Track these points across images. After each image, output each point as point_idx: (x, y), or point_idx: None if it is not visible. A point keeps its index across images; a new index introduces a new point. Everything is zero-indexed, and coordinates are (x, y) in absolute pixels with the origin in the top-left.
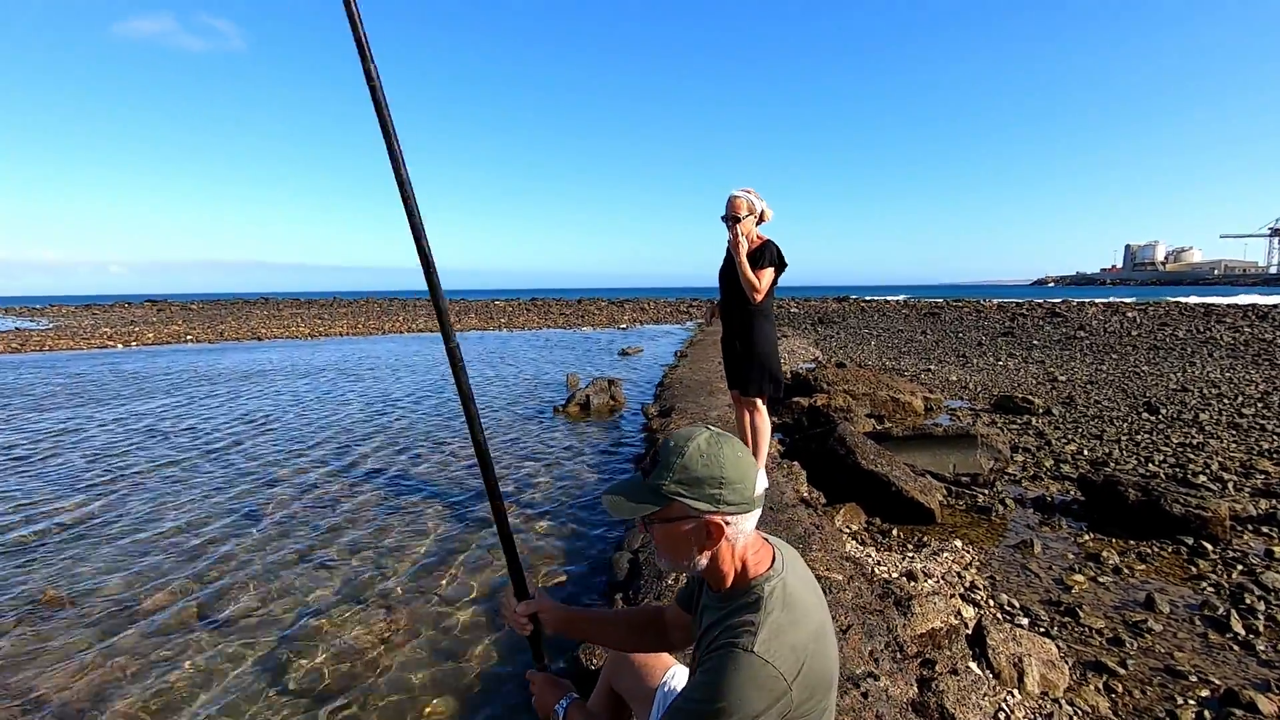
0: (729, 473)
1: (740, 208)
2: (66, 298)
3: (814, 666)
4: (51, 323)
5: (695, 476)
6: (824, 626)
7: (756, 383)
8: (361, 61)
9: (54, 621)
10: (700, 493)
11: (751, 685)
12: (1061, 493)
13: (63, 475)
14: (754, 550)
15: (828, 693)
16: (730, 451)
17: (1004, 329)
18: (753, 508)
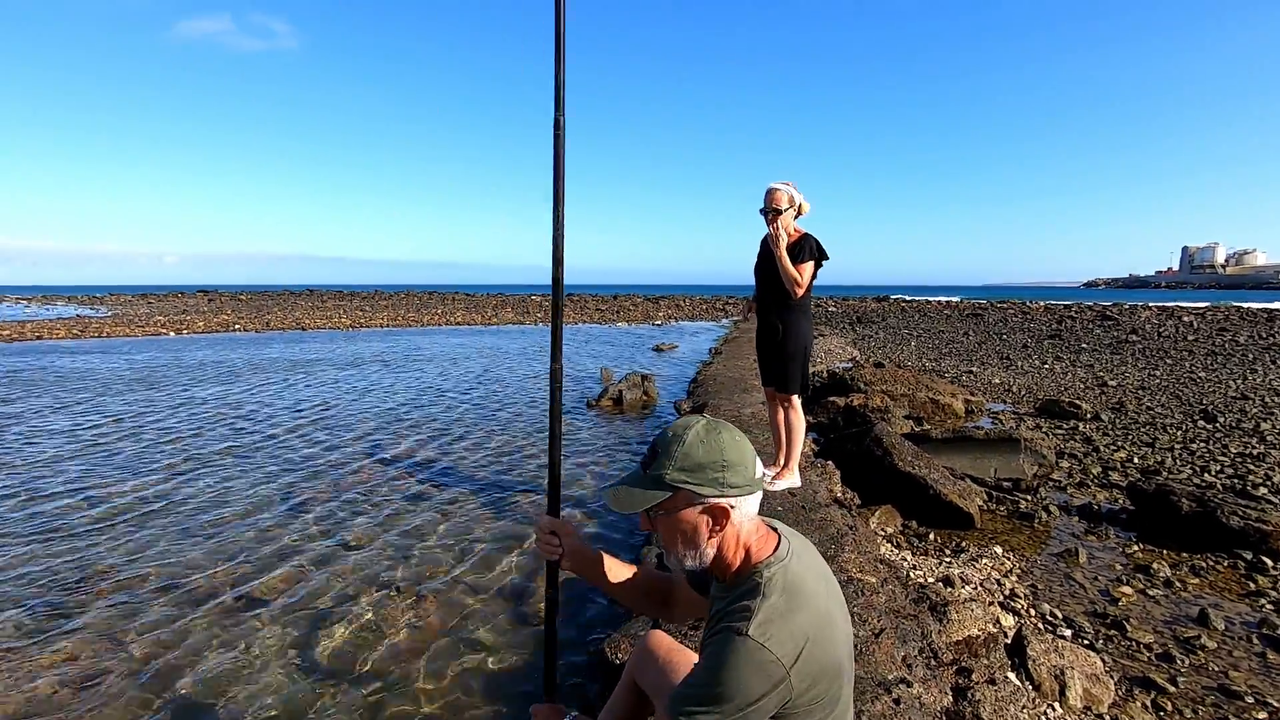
0: (730, 455)
1: (780, 200)
2: (124, 287)
3: (815, 654)
4: (110, 310)
5: (697, 462)
6: (829, 615)
7: (795, 379)
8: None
9: (105, 599)
10: (704, 477)
11: (749, 670)
12: (1109, 501)
13: (120, 459)
14: (757, 536)
15: (834, 681)
16: (728, 436)
17: (1051, 331)
18: (755, 489)
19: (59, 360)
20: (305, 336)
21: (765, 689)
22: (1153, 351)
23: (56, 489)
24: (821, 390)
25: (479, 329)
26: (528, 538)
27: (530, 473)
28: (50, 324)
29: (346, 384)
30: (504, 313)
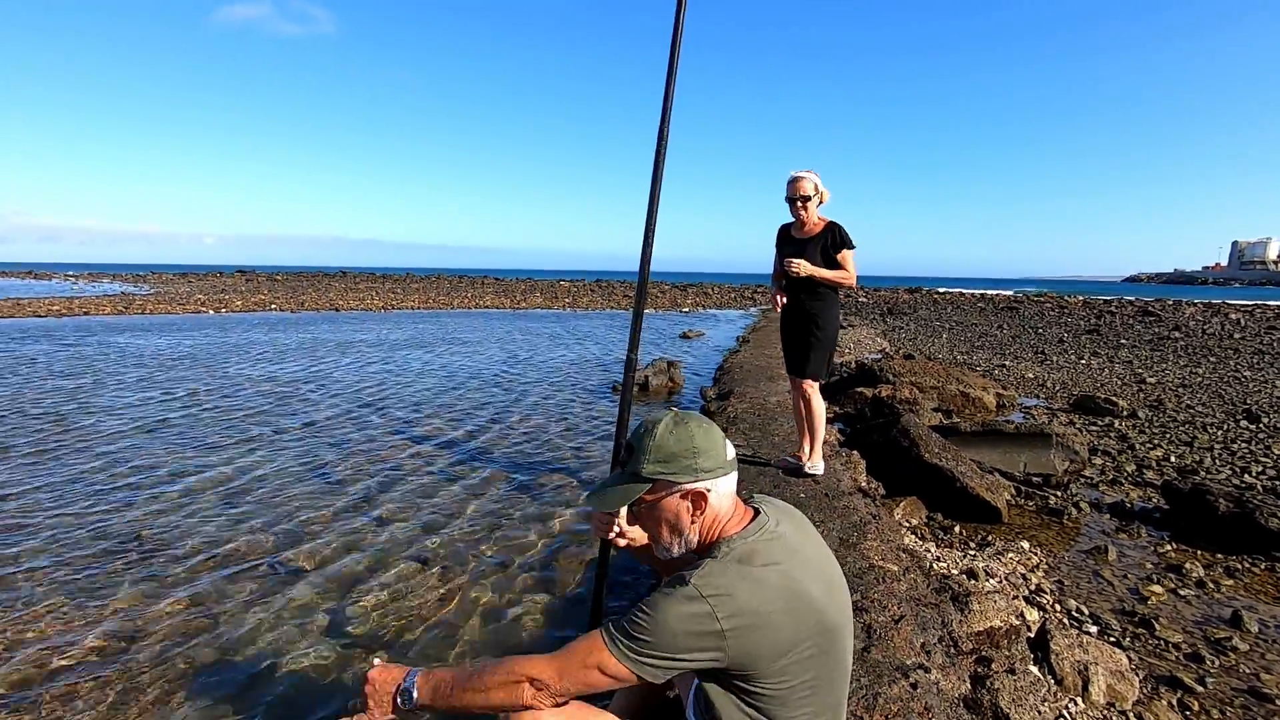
0: (699, 442)
1: (807, 187)
2: (166, 266)
3: (770, 632)
4: (152, 289)
5: (670, 453)
6: (798, 593)
7: (822, 366)
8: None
9: (148, 561)
10: (678, 466)
11: (681, 618)
12: (1143, 499)
13: (172, 433)
14: (732, 515)
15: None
16: (695, 425)
17: (1089, 326)
18: (728, 470)
19: (117, 338)
20: (340, 317)
21: (691, 644)
22: (1196, 349)
23: (115, 460)
24: (849, 381)
25: (508, 312)
26: (557, 518)
27: (559, 455)
28: (96, 300)
29: (384, 365)
30: (532, 297)
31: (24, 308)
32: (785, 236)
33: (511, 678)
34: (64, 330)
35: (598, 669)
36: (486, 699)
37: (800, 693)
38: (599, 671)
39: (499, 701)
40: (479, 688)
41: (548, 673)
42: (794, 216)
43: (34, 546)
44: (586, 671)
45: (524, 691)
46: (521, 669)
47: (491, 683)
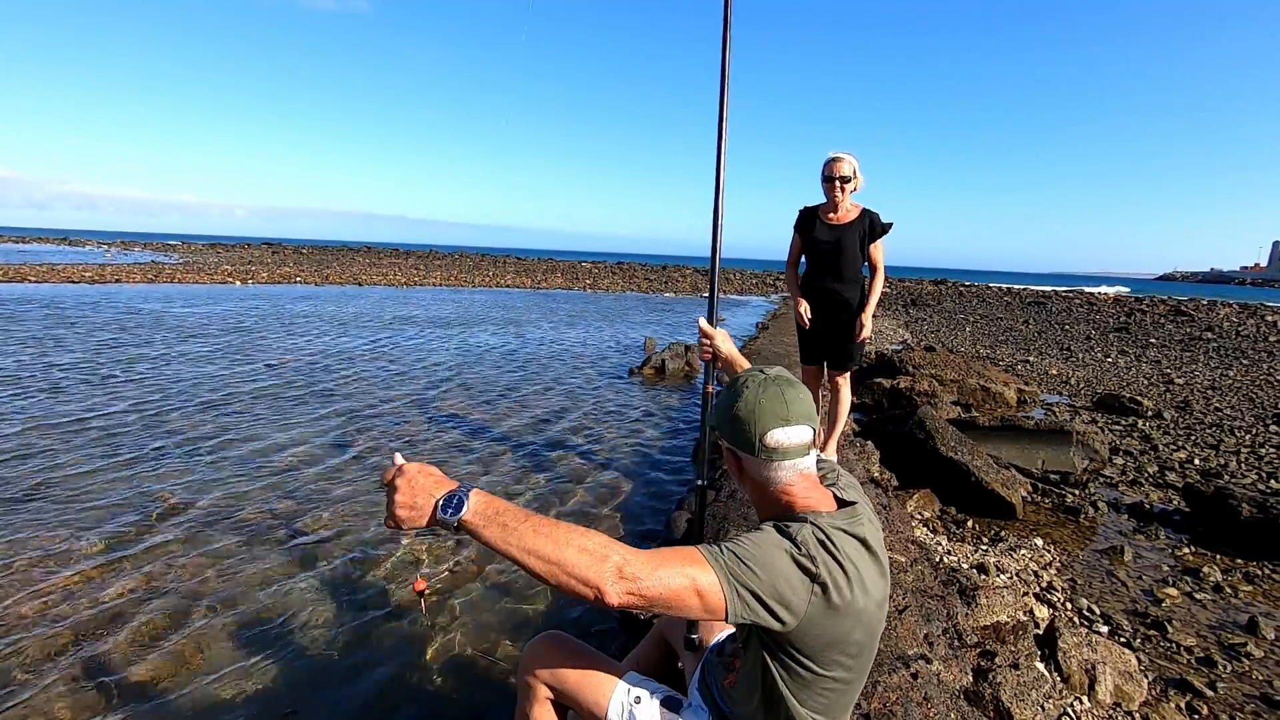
0: (740, 412)
1: (845, 168)
2: (196, 236)
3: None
4: (181, 259)
5: (723, 408)
6: (867, 593)
7: (858, 356)
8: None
9: (168, 522)
10: (719, 423)
11: (785, 559)
12: (1163, 501)
13: (202, 399)
14: (802, 496)
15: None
16: (754, 394)
17: (1118, 324)
18: (756, 455)
19: (153, 305)
20: (364, 291)
21: (785, 592)
22: (1228, 350)
23: (149, 424)
24: (868, 371)
25: (529, 291)
26: (571, 498)
27: (569, 434)
28: (127, 268)
29: (406, 341)
30: (553, 278)
31: (58, 273)
32: (814, 222)
33: (596, 546)
34: (88, 297)
35: (691, 582)
36: (558, 553)
37: (826, 684)
38: (691, 585)
39: (570, 564)
40: (553, 536)
41: (640, 562)
42: (828, 198)
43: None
44: (679, 579)
45: (607, 569)
46: (612, 545)
47: (571, 540)
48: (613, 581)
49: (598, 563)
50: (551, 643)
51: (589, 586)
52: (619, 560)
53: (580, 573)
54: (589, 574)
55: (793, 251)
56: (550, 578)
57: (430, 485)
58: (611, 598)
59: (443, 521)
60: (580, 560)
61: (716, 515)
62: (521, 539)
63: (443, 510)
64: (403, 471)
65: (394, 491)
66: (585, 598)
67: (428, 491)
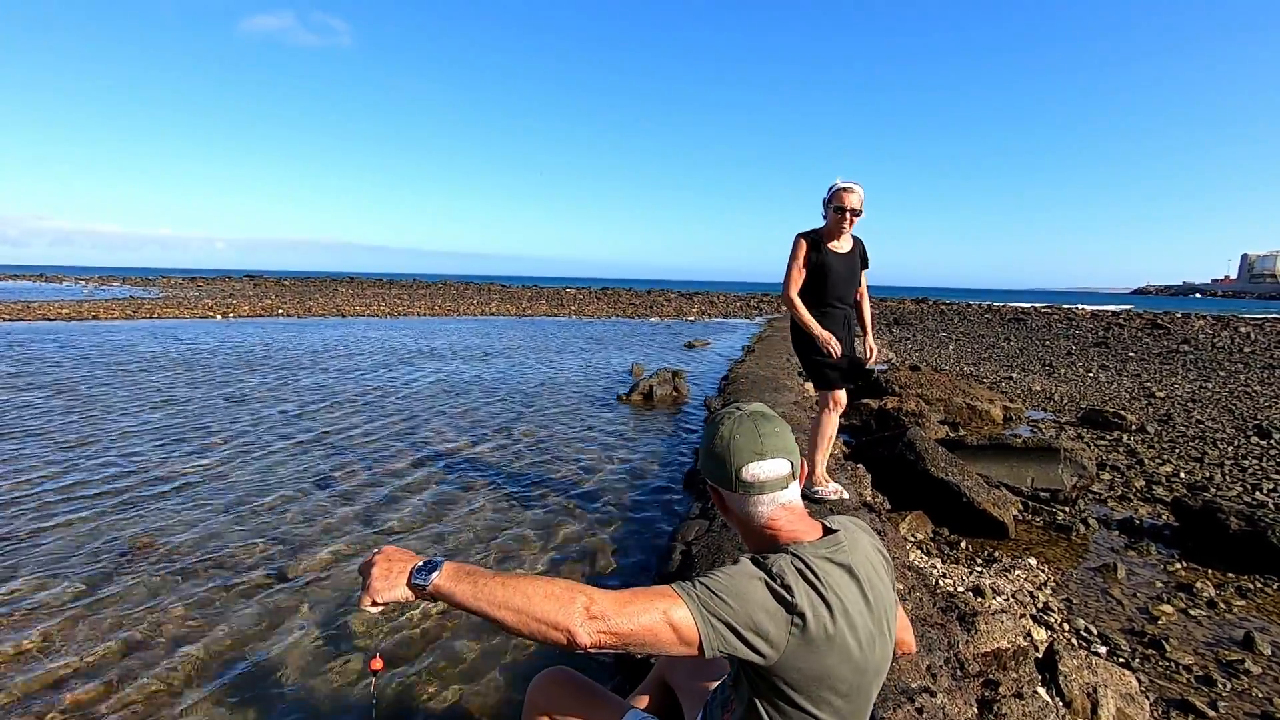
0: (716, 449)
1: (858, 201)
2: (176, 270)
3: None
4: (161, 292)
5: (703, 447)
6: (855, 627)
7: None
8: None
9: (142, 565)
10: (700, 461)
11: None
12: (1152, 516)
13: (169, 436)
14: (787, 528)
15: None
16: (729, 430)
17: (1097, 339)
18: (734, 489)
19: (123, 339)
20: (346, 323)
21: (763, 622)
22: (1205, 363)
23: (123, 464)
24: (854, 393)
25: (514, 318)
26: (561, 529)
27: (557, 464)
28: (105, 304)
29: (390, 371)
30: (538, 305)
31: (33, 310)
32: (819, 246)
33: (562, 591)
34: (69, 333)
35: (663, 616)
36: (526, 604)
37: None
38: (663, 619)
39: (539, 611)
40: (520, 590)
41: (607, 601)
42: (833, 226)
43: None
44: (649, 615)
45: (574, 610)
46: (579, 588)
47: (537, 588)
48: (581, 622)
49: (565, 605)
50: (557, 677)
51: (559, 630)
52: (585, 600)
53: (549, 617)
54: (558, 617)
55: (797, 275)
56: (522, 627)
57: (405, 558)
58: (582, 637)
59: (417, 587)
60: (547, 606)
61: (711, 546)
62: (491, 593)
63: (416, 575)
64: (380, 550)
65: (371, 568)
66: (558, 642)
67: (403, 563)
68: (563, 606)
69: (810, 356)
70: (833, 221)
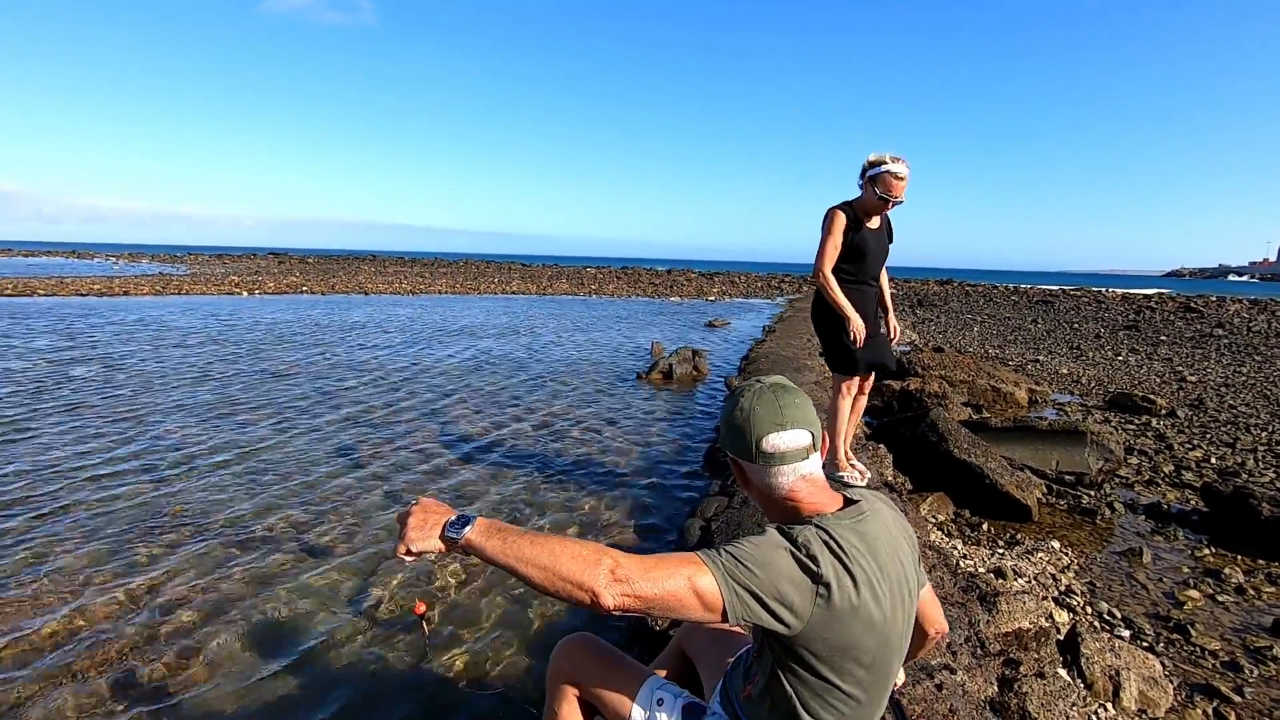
0: (736, 420)
1: (904, 190)
2: (203, 247)
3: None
4: (189, 269)
5: (724, 419)
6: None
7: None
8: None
9: (176, 534)
10: (720, 434)
11: (785, 559)
12: (1180, 501)
13: (210, 412)
14: (808, 500)
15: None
16: (749, 402)
17: (1128, 322)
18: (755, 461)
19: (159, 314)
20: (371, 300)
21: (787, 592)
22: (1240, 347)
23: (154, 438)
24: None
25: (535, 297)
26: (578, 505)
27: (577, 441)
28: (135, 280)
29: (413, 348)
30: (558, 284)
31: (67, 286)
32: (859, 223)
33: (589, 552)
34: (104, 308)
35: (688, 582)
36: (553, 561)
37: (840, 696)
38: (687, 585)
39: (565, 570)
40: (548, 547)
41: (632, 565)
42: (874, 210)
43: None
44: (673, 580)
45: (600, 571)
46: (606, 551)
47: (565, 548)
48: (606, 583)
49: (590, 566)
50: (580, 644)
51: (584, 590)
52: (611, 563)
53: (575, 577)
54: (583, 577)
55: (832, 252)
56: (548, 585)
57: (441, 511)
58: (606, 599)
59: (450, 540)
60: (573, 565)
61: (731, 522)
62: (520, 550)
63: (450, 529)
64: (418, 501)
65: (407, 518)
66: (582, 602)
67: (438, 515)
68: (588, 567)
69: (834, 337)
70: (874, 204)
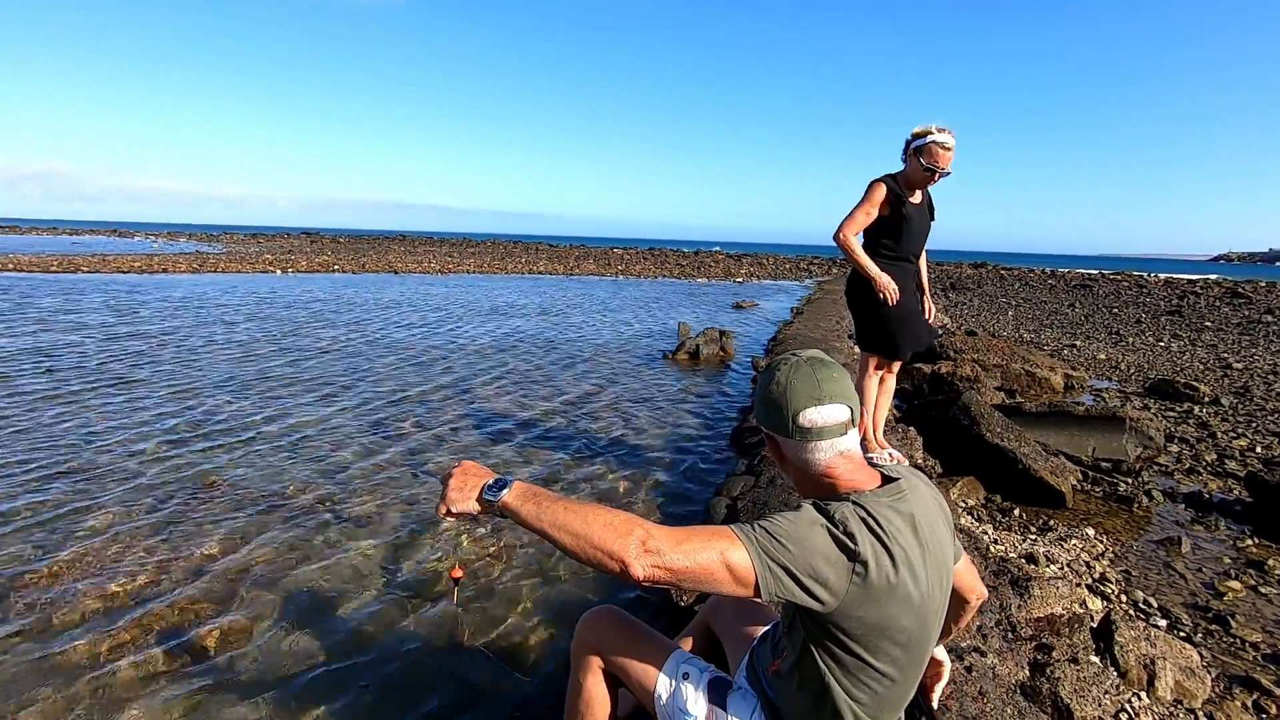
0: (773, 394)
1: (950, 163)
2: (238, 226)
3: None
4: (224, 248)
5: (759, 393)
6: (916, 577)
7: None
8: None
9: (210, 502)
10: (755, 409)
11: (821, 535)
12: (1223, 490)
13: (241, 385)
14: (846, 476)
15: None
16: (785, 376)
17: (1171, 307)
18: (791, 436)
19: (201, 292)
20: (401, 279)
21: (822, 569)
22: None
23: (204, 412)
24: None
25: (562, 277)
26: (604, 483)
27: (603, 421)
28: (174, 258)
29: (440, 326)
30: (585, 264)
31: (109, 263)
32: (901, 198)
33: (621, 522)
34: (144, 285)
35: (719, 556)
36: (585, 529)
37: (875, 676)
38: (719, 559)
39: (596, 538)
40: (581, 515)
41: (664, 536)
42: (919, 183)
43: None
44: (705, 553)
45: (630, 541)
46: (638, 521)
47: (598, 516)
48: (637, 554)
49: (622, 536)
50: (606, 616)
51: (613, 559)
52: (643, 534)
53: (605, 546)
54: (613, 546)
55: (863, 219)
56: (578, 552)
57: (481, 474)
58: (635, 570)
59: (486, 502)
60: (605, 534)
61: (757, 501)
62: (553, 515)
63: (487, 491)
64: (459, 464)
65: (449, 479)
66: (611, 571)
67: (477, 478)
68: (619, 537)
69: (869, 311)
70: (919, 177)
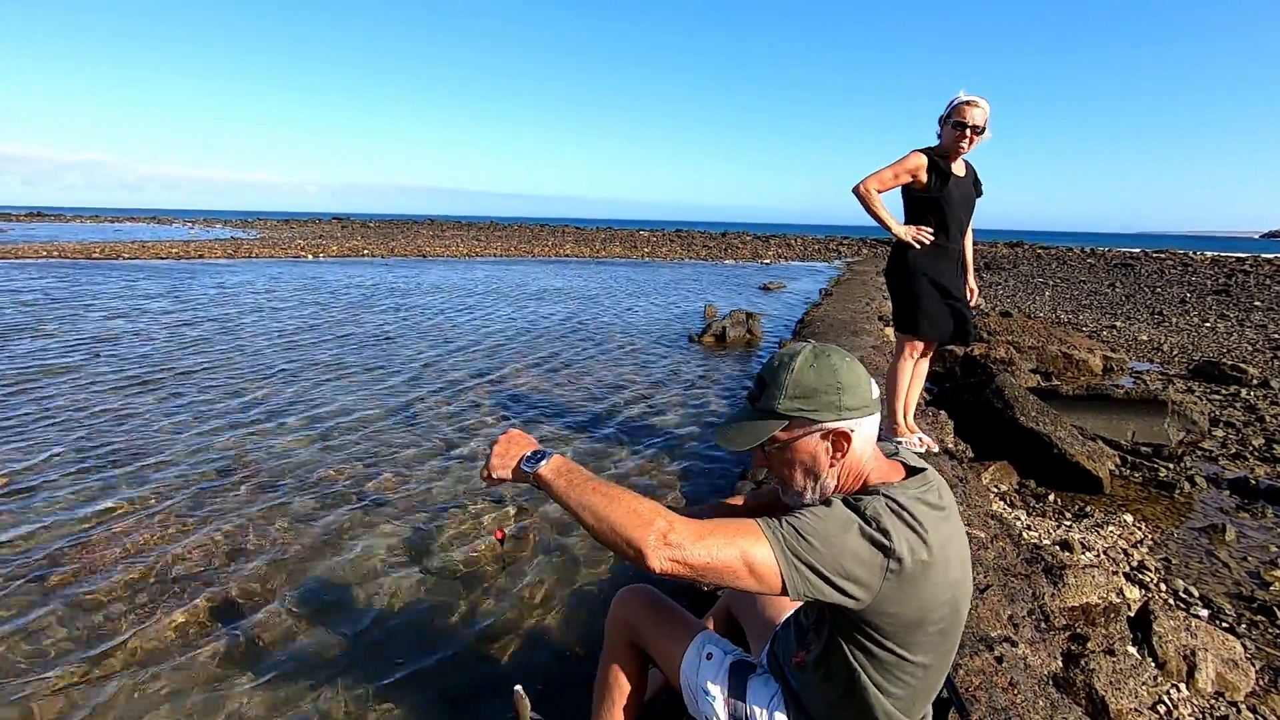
0: (844, 378)
1: (981, 116)
2: (271, 213)
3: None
4: (258, 234)
5: (810, 388)
6: (949, 567)
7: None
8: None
9: (243, 483)
10: (820, 402)
11: (852, 533)
12: (1271, 476)
13: (285, 369)
14: (878, 465)
15: (926, 639)
16: (838, 359)
17: (1218, 286)
18: (873, 410)
19: (245, 279)
20: (429, 263)
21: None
22: None
23: (250, 398)
24: None
25: (588, 260)
26: (628, 466)
27: (629, 403)
28: (210, 244)
29: (467, 309)
30: (611, 247)
31: (148, 250)
32: (940, 170)
33: (645, 510)
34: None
35: (742, 554)
36: (609, 512)
37: (909, 669)
38: (741, 556)
39: (618, 523)
40: (608, 495)
41: (686, 530)
42: (953, 147)
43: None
44: (727, 550)
45: (649, 530)
46: (662, 512)
47: (623, 501)
48: (656, 545)
49: (643, 525)
50: (639, 594)
51: (631, 547)
52: (664, 525)
53: (625, 532)
54: (632, 534)
55: (889, 178)
56: (599, 534)
57: (523, 444)
58: (652, 561)
59: (523, 472)
60: (627, 520)
61: None
62: (581, 494)
63: (526, 463)
64: (506, 432)
65: (494, 444)
66: (628, 558)
67: (519, 447)
68: (640, 525)
69: (909, 289)
70: (950, 139)
